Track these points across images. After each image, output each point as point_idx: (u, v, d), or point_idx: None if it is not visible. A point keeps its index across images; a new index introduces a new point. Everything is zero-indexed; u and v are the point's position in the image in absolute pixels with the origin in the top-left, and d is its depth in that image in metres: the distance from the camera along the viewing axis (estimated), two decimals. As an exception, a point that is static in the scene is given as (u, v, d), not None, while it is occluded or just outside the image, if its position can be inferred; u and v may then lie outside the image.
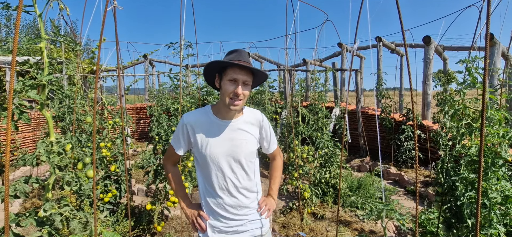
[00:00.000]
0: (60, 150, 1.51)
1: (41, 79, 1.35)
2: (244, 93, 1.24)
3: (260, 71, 1.31)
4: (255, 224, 1.40)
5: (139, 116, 9.35)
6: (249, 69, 1.25)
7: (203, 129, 1.31)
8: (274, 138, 1.52)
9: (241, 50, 1.29)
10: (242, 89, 1.23)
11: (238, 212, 1.35)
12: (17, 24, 0.80)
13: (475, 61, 2.01)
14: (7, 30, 17.74)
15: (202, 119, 1.33)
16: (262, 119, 1.43)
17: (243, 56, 1.27)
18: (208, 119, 1.33)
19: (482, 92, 1.08)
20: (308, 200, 3.64)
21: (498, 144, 1.96)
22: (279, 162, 1.59)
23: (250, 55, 10.82)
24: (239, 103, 1.24)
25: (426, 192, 4.36)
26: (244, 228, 1.38)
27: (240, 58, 1.26)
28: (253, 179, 1.39)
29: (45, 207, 1.50)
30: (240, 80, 1.23)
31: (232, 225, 1.36)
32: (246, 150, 1.33)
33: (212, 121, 1.32)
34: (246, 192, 1.36)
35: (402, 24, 1.51)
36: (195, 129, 1.32)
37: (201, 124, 1.32)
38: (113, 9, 1.65)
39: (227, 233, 1.36)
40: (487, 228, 1.86)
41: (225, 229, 1.35)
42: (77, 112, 3.43)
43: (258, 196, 1.44)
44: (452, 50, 7.79)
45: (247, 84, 1.26)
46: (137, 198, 4.20)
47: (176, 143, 1.38)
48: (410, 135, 5.73)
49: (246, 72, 1.24)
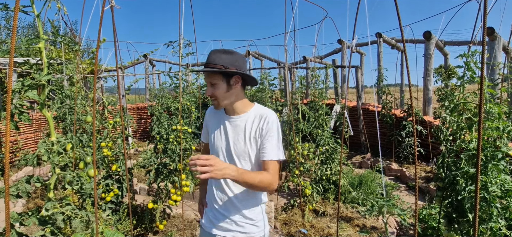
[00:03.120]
0: (61, 150, 1.52)
1: (40, 79, 1.36)
2: (214, 93, 1.32)
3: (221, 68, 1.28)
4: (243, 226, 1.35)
5: (140, 115, 9.37)
6: (207, 71, 1.30)
7: (213, 122, 1.45)
8: (270, 147, 1.28)
9: (210, 53, 1.33)
10: (211, 90, 1.32)
11: (227, 208, 1.36)
12: (14, 24, 0.80)
13: (475, 55, 2.00)
14: (7, 32, 17.77)
15: (215, 113, 1.46)
16: (265, 118, 1.31)
17: (208, 59, 1.31)
18: (218, 113, 1.44)
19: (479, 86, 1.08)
20: (309, 197, 3.64)
21: (498, 138, 1.96)
22: (267, 175, 1.26)
23: (249, 53, 10.79)
24: (215, 103, 1.36)
25: (428, 187, 4.36)
26: (230, 226, 1.35)
27: (206, 62, 1.32)
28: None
29: (47, 206, 1.51)
30: (208, 82, 1.34)
31: (220, 218, 1.37)
32: (239, 149, 1.33)
33: (220, 116, 1.44)
34: (236, 190, 1.35)
35: (400, 19, 1.51)
36: (209, 120, 1.49)
37: (213, 116, 1.46)
38: (111, 8, 1.65)
39: (214, 225, 1.39)
40: (488, 222, 1.86)
41: (214, 220, 1.40)
42: (78, 113, 3.45)
43: (254, 201, 1.37)
44: (453, 45, 7.73)
45: (213, 84, 1.31)
46: (139, 197, 4.22)
47: (203, 135, 1.56)
48: (411, 131, 5.72)
49: (208, 74, 1.32)
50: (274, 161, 1.29)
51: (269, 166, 1.28)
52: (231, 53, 1.32)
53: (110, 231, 1.40)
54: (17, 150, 5.90)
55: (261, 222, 1.40)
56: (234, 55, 1.33)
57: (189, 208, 3.84)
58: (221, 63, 1.28)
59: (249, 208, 1.36)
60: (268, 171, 1.27)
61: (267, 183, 1.24)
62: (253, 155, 1.33)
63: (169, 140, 3.21)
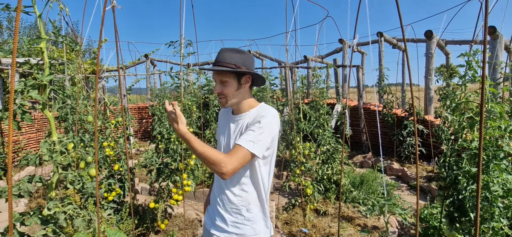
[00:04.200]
0: (63, 149, 1.52)
1: (42, 79, 1.36)
2: (224, 91, 1.32)
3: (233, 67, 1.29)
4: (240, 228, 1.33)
5: (142, 115, 9.39)
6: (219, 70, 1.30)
7: (221, 122, 1.51)
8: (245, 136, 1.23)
9: (220, 51, 1.34)
10: (220, 88, 1.33)
11: (224, 205, 1.36)
12: (17, 24, 0.81)
13: (476, 54, 2.00)
14: (9, 32, 17.83)
15: (225, 113, 1.51)
16: (260, 117, 1.28)
17: (219, 57, 1.32)
18: (227, 113, 1.49)
19: (480, 85, 1.07)
20: (310, 197, 3.64)
21: (500, 137, 1.96)
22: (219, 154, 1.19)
23: (250, 52, 10.80)
24: (222, 101, 1.36)
25: (429, 187, 4.35)
26: (226, 226, 1.34)
27: (216, 59, 1.33)
28: (246, 178, 1.33)
29: (49, 205, 1.52)
30: (217, 80, 1.34)
31: (218, 217, 1.37)
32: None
33: (227, 115, 1.47)
34: (233, 188, 1.34)
35: (401, 18, 1.51)
36: (219, 120, 1.56)
37: (222, 117, 1.52)
38: (112, 8, 1.66)
39: (213, 223, 1.39)
40: (489, 221, 1.86)
41: (213, 218, 1.41)
42: (80, 112, 3.46)
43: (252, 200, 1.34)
44: (454, 44, 7.70)
45: (224, 82, 1.32)
46: (140, 197, 4.23)
47: (216, 132, 1.60)
48: (413, 130, 5.71)
49: (219, 72, 1.31)
50: (242, 148, 1.20)
51: (234, 149, 1.21)
52: (242, 52, 1.34)
53: (112, 230, 1.40)
54: (19, 150, 5.92)
55: (259, 225, 1.35)
56: (245, 54, 1.34)
57: (190, 207, 3.85)
58: (233, 62, 1.30)
59: (247, 208, 1.33)
60: (229, 152, 1.21)
61: (216, 159, 1.15)
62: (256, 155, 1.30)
63: (170, 140, 3.22)
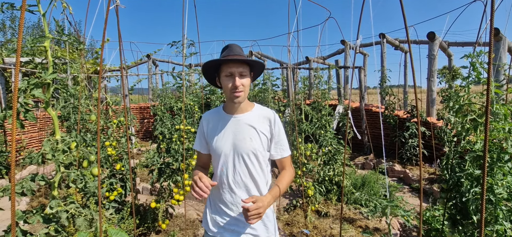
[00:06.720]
0: (65, 148, 1.52)
1: (46, 78, 1.37)
2: (243, 83, 1.29)
3: (254, 61, 1.35)
4: (255, 228, 1.33)
5: (143, 115, 9.40)
6: (241, 60, 1.29)
7: (214, 124, 1.41)
8: (285, 144, 1.40)
9: (232, 45, 1.35)
10: (240, 80, 1.28)
11: (238, 210, 1.34)
12: (21, 22, 0.81)
13: (480, 55, 1.98)
14: (12, 32, 17.94)
15: (214, 115, 1.43)
16: (274, 117, 1.38)
17: (233, 50, 1.33)
18: (219, 115, 1.41)
19: (486, 86, 1.07)
20: (312, 198, 3.63)
21: (504, 139, 1.94)
22: (290, 171, 1.42)
23: (252, 53, 10.81)
24: (240, 94, 1.29)
25: (431, 189, 4.33)
26: (242, 229, 1.33)
27: (231, 52, 1.32)
28: (256, 179, 1.34)
29: (51, 204, 1.52)
30: (236, 72, 1.28)
31: (231, 222, 1.35)
32: (250, 147, 1.31)
33: (221, 117, 1.41)
34: (246, 191, 1.34)
35: (405, 20, 1.50)
36: (208, 123, 1.43)
37: (213, 119, 1.43)
38: (116, 7, 1.66)
39: (226, 230, 1.36)
40: (493, 225, 1.84)
41: (224, 225, 1.36)
42: (82, 112, 3.47)
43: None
44: (457, 46, 7.68)
45: (243, 75, 1.30)
46: (142, 197, 4.23)
47: (198, 143, 1.47)
48: (415, 132, 5.69)
49: (239, 63, 1.29)
50: (290, 155, 1.43)
51: (287, 160, 1.42)
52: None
53: (113, 229, 1.40)
54: (21, 149, 5.94)
55: (271, 225, 1.38)
56: None
57: (191, 208, 3.85)
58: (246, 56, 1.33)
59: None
60: (288, 164, 1.42)
61: (292, 177, 1.42)
62: (260, 153, 1.33)
63: (172, 140, 3.22)
